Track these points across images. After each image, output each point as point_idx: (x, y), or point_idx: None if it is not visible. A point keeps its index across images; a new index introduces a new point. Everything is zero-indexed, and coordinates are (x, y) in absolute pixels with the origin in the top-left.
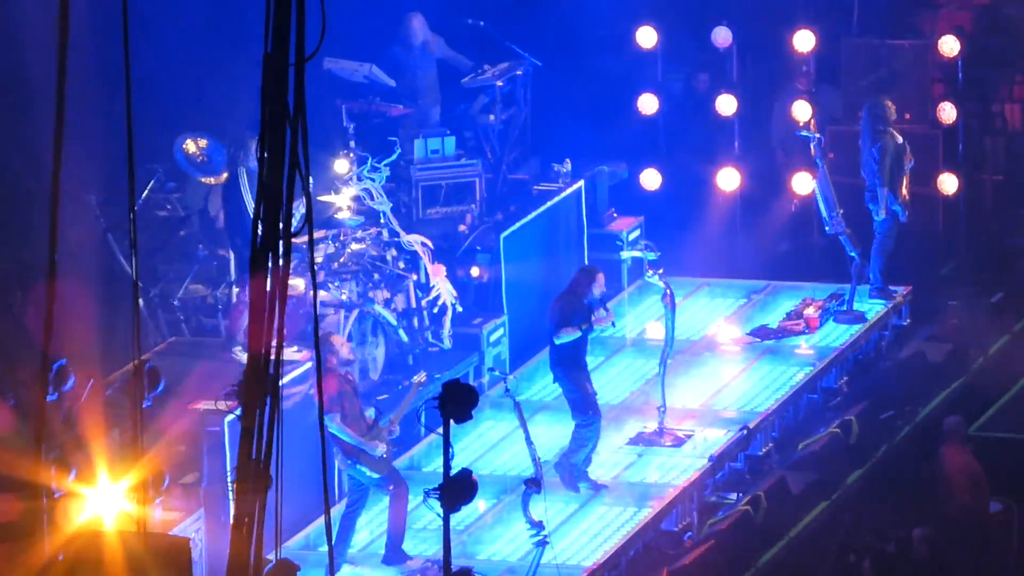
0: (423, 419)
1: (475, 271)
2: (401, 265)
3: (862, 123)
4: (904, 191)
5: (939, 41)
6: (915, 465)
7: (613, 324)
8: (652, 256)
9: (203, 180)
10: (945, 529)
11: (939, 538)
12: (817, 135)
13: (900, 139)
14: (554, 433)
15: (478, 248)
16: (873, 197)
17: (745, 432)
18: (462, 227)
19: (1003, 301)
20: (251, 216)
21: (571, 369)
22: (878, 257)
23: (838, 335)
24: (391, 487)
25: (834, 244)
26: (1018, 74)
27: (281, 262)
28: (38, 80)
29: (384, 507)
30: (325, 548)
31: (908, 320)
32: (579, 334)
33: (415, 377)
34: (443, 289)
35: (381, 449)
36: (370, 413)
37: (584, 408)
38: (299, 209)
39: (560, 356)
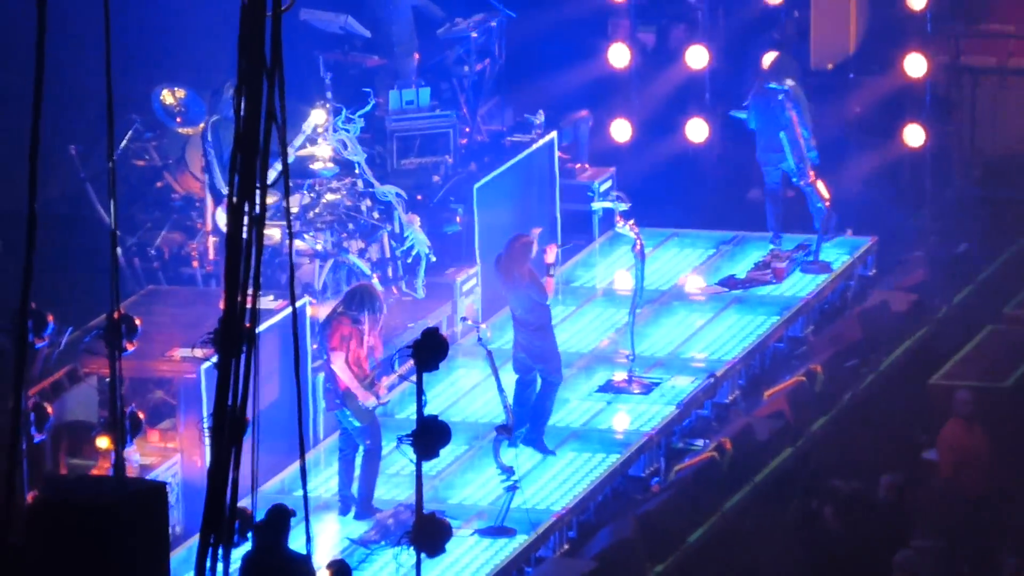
0: (396, 366)
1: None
2: (376, 215)
3: (769, 73)
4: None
5: None
6: (887, 417)
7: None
8: (623, 207)
9: (180, 131)
10: (921, 482)
11: (907, 487)
12: (787, 88)
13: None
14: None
15: (451, 199)
16: (774, 146)
17: (712, 380)
18: (436, 178)
19: (967, 250)
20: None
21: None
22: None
23: (804, 285)
24: (368, 441)
25: (801, 196)
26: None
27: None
28: (18, 30)
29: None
30: (299, 492)
31: (874, 270)
32: None
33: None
34: (417, 239)
35: (371, 401)
36: (371, 364)
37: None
38: (276, 164)
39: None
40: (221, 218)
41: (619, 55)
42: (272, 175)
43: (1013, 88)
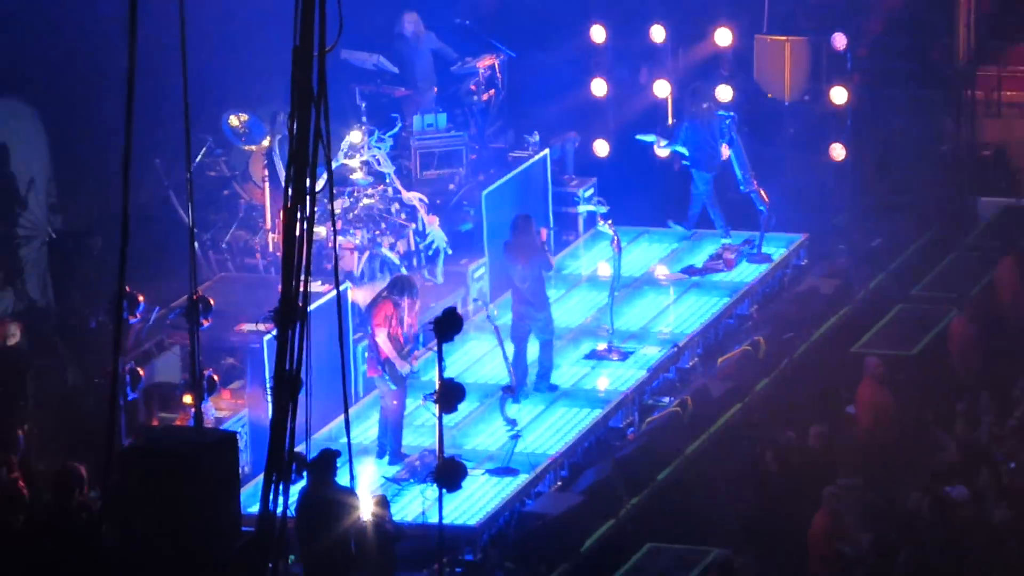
0: (421, 340)
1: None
2: (403, 216)
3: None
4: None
5: (833, 36)
6: (816, 379)
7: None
8: (603, 209)
9: (244, 148)
10: (843, 432)
11: (832, 436)
12: (732, 113)
13: None
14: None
15: (464, 203)
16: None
17: (676, 349)
18: (451, 186)
19: (880, 244)
20: (282, 177)
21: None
22: (715, 207)
23: (750, 272)
24: (396, 400)
25: (746, 200)
26: (904, 63)
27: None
28: (112, 69)
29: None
30: (344, 439)
31: (805, 260)
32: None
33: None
34: (436, 235)
35: (405, 369)
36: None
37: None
38: (323, 175)
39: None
40: (278, 219)
41: (599, 87)
42: (320, 184)
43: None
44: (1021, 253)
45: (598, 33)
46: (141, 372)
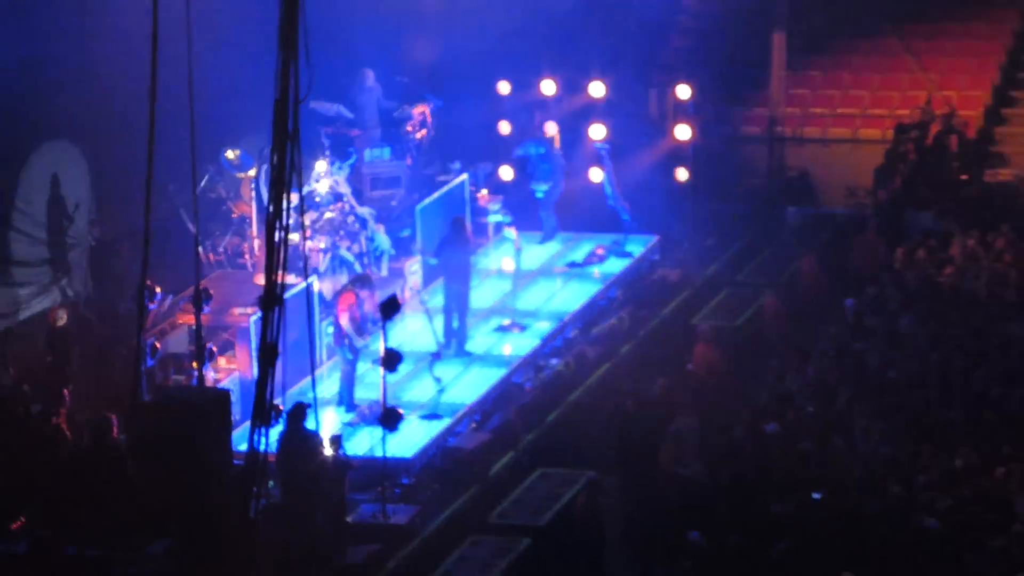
0: (370, 318)
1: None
2: (357, 225)
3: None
4: None
5: (677, 87)
6: (664, 344)
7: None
8: (508, 219)
9: (238, 175)
10: (683, 383)
11: (675, 386)
12: (606, 145)
13: None
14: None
15: (403, 216)
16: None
17: (562, 323)
18: (393, 203)
19: (713, 243)
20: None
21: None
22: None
23: (618, 265)
24: (356, 362)
25: (614, 211)
26: (738, 107)
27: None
28: (138, 114)
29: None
30: (311, 394)
31: (658, 256)
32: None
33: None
34: (382, 240)
35: (360, 343)
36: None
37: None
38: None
39: None
40: (263, 229)
41: (504, 127)
42: (294, 201)
43: (744, 146)
44: (818, 249)
45: (504, 87)
46: (158, 345)
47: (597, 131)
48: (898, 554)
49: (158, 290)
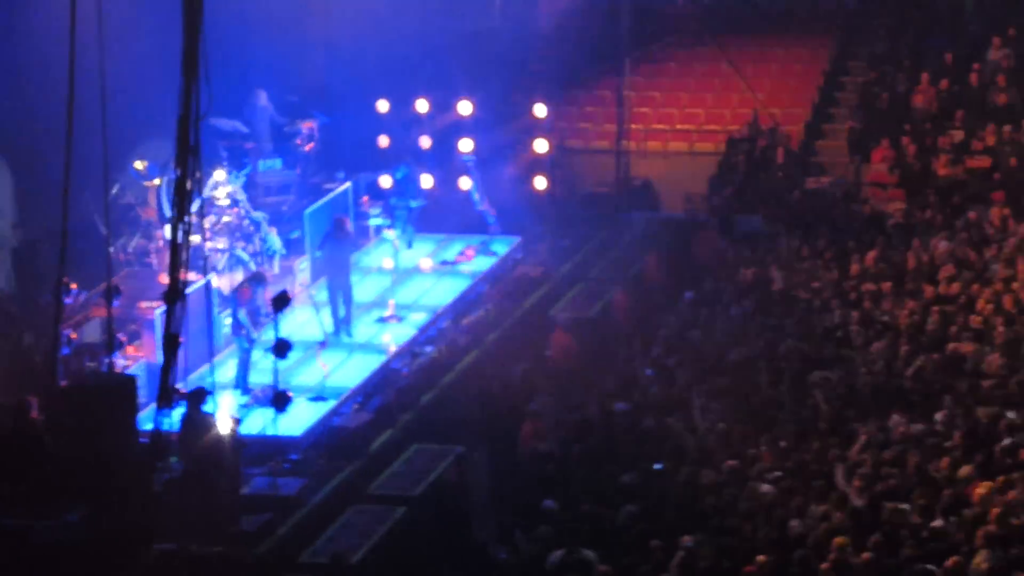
0: (263, 310)
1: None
2: (251, 228)
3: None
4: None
5: (535, 106)
6: (525, 333)
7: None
8: (387, 222)
9: (145, 184)
10: (542, 368)
11: (535, 370)
12: (473, 157)
13: None
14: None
15: (293, 220)
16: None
17: (437, 313)
18: (284, 208)
19: (568, 243)
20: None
21: None
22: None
23: (485, 263)
24: (251, 350)
25: (481, 215)
26: (588, 123)
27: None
28: (58, 126)
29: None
30: (210, 379)
31: (520, 254)
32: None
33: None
34: (274, 241)
35: (255, 334)
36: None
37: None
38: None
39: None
40: (167, 231)
41: (384, 141)
42: (195, 206)
43: (594, 158)
44: (659, 249)
45: (383, 105)
46: (73, 335)
47: (466, 144)
48: (733, 519)
49: (73, 286)
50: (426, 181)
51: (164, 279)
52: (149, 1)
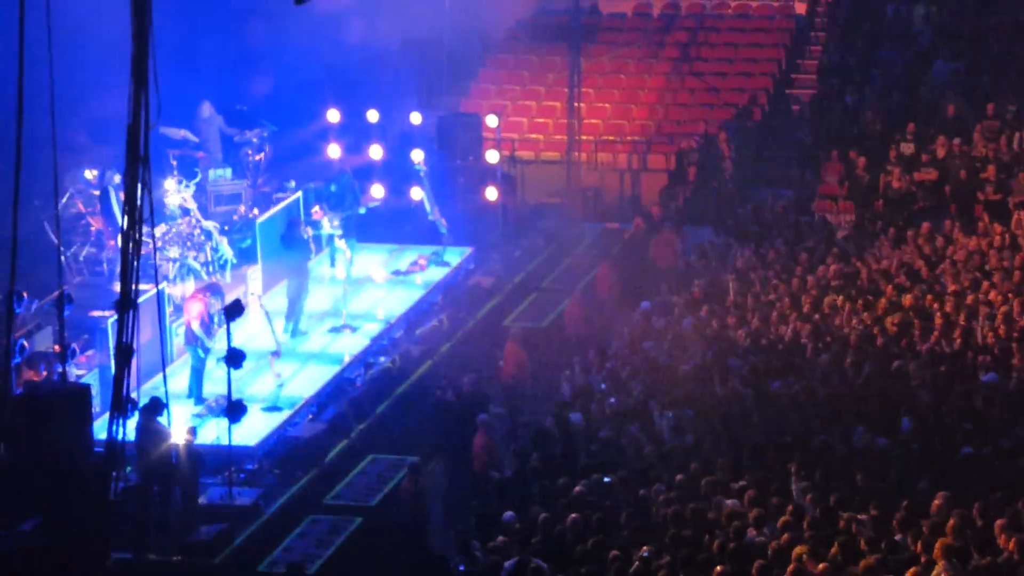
0: (217, 320)
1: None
2: (202, 238)
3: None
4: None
5: (486, 117)
6: (478, 343)
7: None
8: (339, 232)
9: (94, 192)
10: (495, 378)
11: (488, 380)
12: (425, 168)
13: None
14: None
15: (244, 228)
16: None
17: (389, 324)
18: (236, 216)
19: (520, 253)
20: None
21: None
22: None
23: (438, 273)
24: (204, 360)
25: (433, 225)
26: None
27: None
28: (6, 139)
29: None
30: (163, 388)
31: (472, 265)
32: None
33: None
34: (225, 250)
35: (210, 343)
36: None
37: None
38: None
39: None
40: (120, 241)
41: (334, 150)
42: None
43: (540, 171)
44: (612, 260)
45: (333, 115)
46: (26, 344)
47: (417, 155)
48: (694, 530)
49: (25, 295)
50: (377, 191)
51: (115, 288)
52: (98, 8)
